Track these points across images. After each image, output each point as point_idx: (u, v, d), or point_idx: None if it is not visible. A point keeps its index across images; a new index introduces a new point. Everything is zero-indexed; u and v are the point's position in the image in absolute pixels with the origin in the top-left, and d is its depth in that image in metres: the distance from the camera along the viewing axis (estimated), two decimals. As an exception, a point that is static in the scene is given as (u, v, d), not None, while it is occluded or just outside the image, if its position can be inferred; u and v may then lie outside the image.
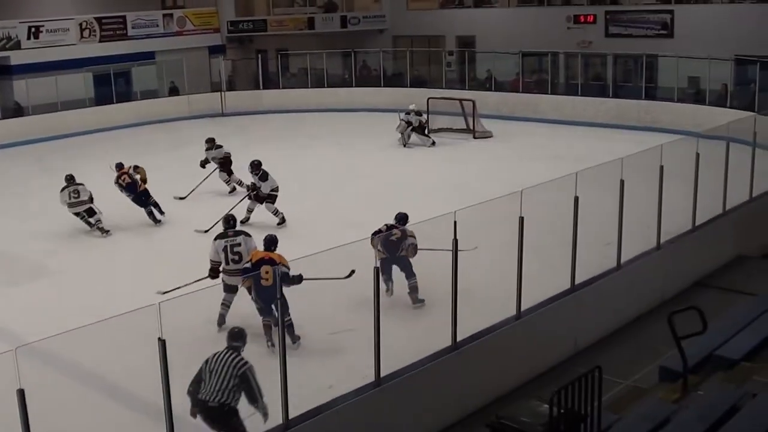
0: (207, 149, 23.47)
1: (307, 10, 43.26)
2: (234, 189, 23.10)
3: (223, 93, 37.88)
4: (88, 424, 10.63)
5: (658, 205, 14.76)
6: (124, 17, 38.50)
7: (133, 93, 37.44)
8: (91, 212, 19.89)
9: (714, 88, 30.22)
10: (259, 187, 19.76)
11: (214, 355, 9.30)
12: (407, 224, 13.95)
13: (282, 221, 19.75)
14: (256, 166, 19.94)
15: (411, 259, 13.70)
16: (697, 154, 15.54)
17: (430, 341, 11.31)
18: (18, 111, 34.02)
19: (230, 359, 9.20)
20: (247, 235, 14.19)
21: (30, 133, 32.23)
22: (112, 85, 35.71)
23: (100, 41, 37.59)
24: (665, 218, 14.93)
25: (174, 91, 38.22)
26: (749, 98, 28.68)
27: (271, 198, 19.86)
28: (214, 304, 12.62)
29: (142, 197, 20.44)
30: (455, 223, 10.66)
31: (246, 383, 9.12)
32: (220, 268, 13.77)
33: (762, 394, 9.11)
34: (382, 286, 11.93)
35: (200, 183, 22.80)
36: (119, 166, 20.80)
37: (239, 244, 13.78)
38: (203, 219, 19.00)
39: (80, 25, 37.01)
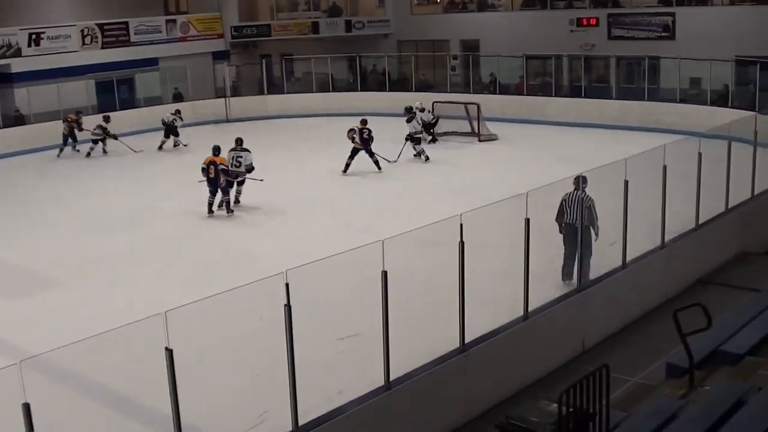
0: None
1: (311, 15, 43.37)
2: (161, 147, 31.08)
3: (227, 99, 37.94)
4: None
5: (662, 205, 14.84)
6: (126, 23, 38.56)
7: (136, 100, 37.47)
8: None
9: (715, 89, 30.40)
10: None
11: (568, 194, 14.40)
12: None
13: (426, 160, 27.07)
14: (408, 110, 28.08)
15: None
16: (700, 154, 15.62)
17: (438, 344, 11.40)
18: (19, 119, 33.87)
19: (579, 196, 14.28)
20: (248, 150, 22.33)
21: (31, 142, 32.06)
22: (115, 92, 35.74)
23: (102, 48, 37.69)
24: (669, 217, 15.02)
25: (178, 98, 38.14)
26: (750, 98, 28.82)
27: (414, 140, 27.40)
28: (222, 313, 12.72)
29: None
30: (461, 225, 10.74)
31: (590, 212, 14.14)
32: (229, 169, 21.61)
33: (767, 388, 9.18)
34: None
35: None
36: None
37: (241, 156, 22.11)
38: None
39: (82, 31, 37.05)
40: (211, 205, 21.46)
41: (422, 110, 29.72)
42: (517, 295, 12.14)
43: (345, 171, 25.67)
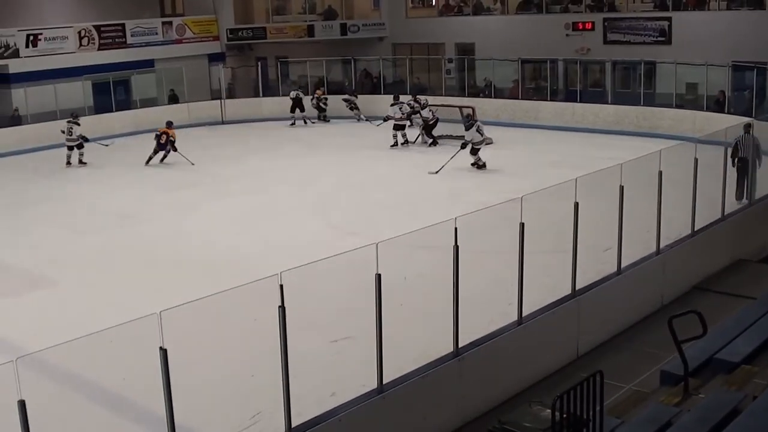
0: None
1: (306, 18, 43.27)
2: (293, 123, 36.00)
3: (222, 101, 37.93)
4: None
5: (658, 210, 14.80)
6: (123, 25, 38.50)
7: (132, 101, 37.43)
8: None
9: (711, 94, 30.32)
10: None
11: (740, 136, 19.38)
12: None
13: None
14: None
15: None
16: (696, 160, 15.58)
17: (431, 348, 11.36)
18: (16, 120, 33.83)
19: (749, 137, 19.32)
20: (401, 103, 30.51)
21: (28, 142, 32.24)
22: (111, 93, 35.69)
23: (99, 49, 37.58)
24: (664, 223, 14.99)
25: (173, 99, 38.19)
26: (746, 104, 28.80)
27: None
28: (216, 314, 12.68)
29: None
30: (456, 229, 10.71)
31: (758, 149, 19.40)
32: (394, 119, 29.87)
33: (762, 397, 9.16)
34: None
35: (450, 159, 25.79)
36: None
37: (402, 107, 29.92)
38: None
39: (79, 33, 37.00)
40: (150, 159, 28.48)
41: (425, 106, 30.09)
42: (512, 300, 12.11)
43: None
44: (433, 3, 43.57)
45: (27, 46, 35.30)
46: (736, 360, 10.68)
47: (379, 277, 9.78)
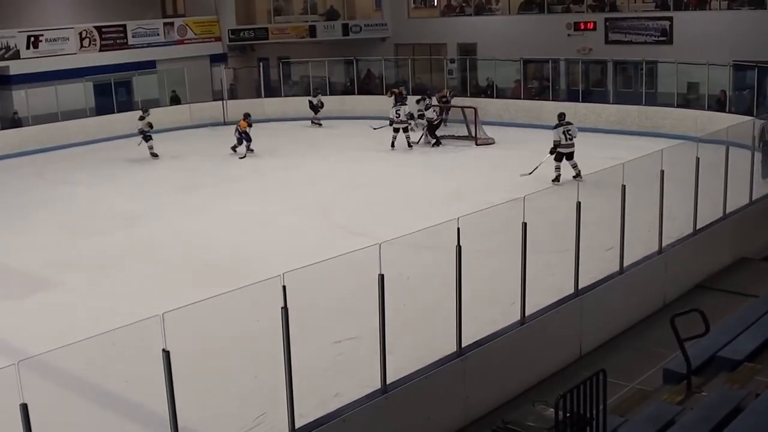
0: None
1: (308, 18, 43.19)
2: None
3: (224, 101, 37.88)
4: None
5: (660, 209, 14.82)
6: (124, 26, 38.39)
7: (134, 102, 37.31)
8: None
9: (713, 94, 30.33)
10: None
11: (765, 121, 19.78)
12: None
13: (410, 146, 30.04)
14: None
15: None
16: (697, 159, 15.59)
17: (435, 348, 11.37)
18: (17, 122, 33.75)
19: None
20: (404, 104, 30.20)
21: (29, 144, 32.24)
22: (112, 94, 35.67)
23: (101, 50, 37.43)
24: (666, 222, 15.01)
25: (175, 100, 38.18)
26: (747, 103, 28.80)
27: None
28: (219, 315, 12.69)
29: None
30: (458, 229, 10.71)
31: None
32: (395, 121, 29.51)
33: (765, 394, 9.17)
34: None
35: (542, 161, 24.21)
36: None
37: (400, 109, 29.65)
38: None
39: (80, 34, 36.90)
40: (247, 150, 29.75)
41: (428, 107, 30.14)
42: (515, 299, 12.11)
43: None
44: (435, 3, 43.53)
45: (28, 48, 35.16)
46: (739, 358, 10.70)
47: (382, 277, 9.79)
